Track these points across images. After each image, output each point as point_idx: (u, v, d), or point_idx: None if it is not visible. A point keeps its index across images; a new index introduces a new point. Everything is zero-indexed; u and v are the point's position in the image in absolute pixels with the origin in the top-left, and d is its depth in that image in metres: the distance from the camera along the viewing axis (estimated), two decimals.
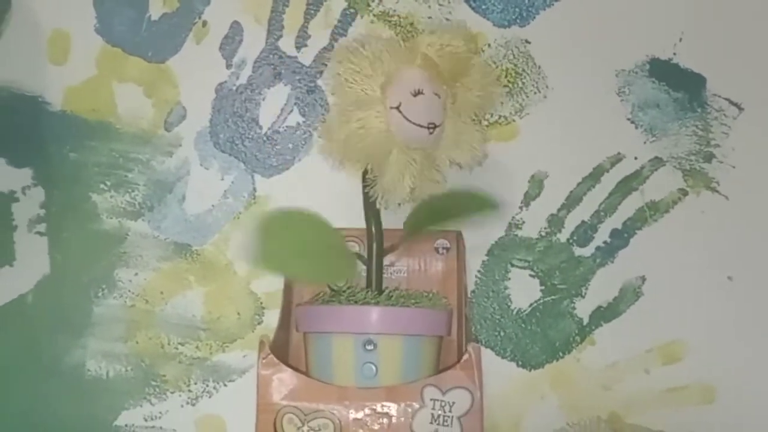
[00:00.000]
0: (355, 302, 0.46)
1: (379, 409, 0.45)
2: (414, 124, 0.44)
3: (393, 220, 0.49)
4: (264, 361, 0.45)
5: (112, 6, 0.54)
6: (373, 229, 0.47)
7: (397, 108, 0.44)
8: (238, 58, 0.54)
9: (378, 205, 0.46)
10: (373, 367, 0.45)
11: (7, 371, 0.52)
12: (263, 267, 0.45)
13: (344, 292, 0.47)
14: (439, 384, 0.45)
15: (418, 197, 0.47)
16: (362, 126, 0.44)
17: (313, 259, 0.43)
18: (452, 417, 0.44)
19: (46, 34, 0.54)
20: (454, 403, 0.45)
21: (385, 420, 0.44)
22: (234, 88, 0.54)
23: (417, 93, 0.44)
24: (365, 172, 0.46)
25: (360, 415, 0.45)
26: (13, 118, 0.54)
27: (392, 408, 0.45)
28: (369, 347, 0.45)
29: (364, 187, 0.46)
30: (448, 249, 0.51)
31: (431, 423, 0.44)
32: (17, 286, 0.52)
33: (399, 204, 0.48)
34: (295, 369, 0.46)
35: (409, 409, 0.44)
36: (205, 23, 0.54)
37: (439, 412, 0.44)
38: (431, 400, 0.45)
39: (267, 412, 0.45)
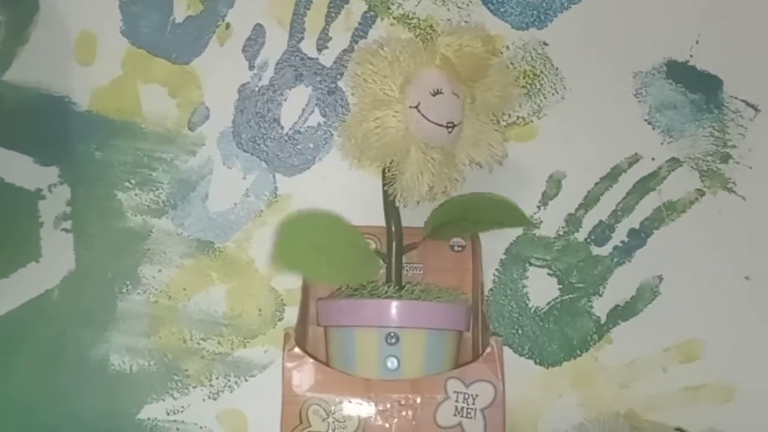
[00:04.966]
0: (378, 296, 0.46)
1: (403, 401, 0.45)
2: (433, 123, 0.45)
3: (412, 218, 0.50)
4: (290, 352, 0.46)
5: (138, 9, 0.55)
6: (393, 226, 0.48)
7: (416, 107, 0.45)
8: (261, 60, 0.55)
9: (397, 203, 0.47)
10: (396, 361, 0.45)
11: (33, 365, 0.52)
12: (283, 266, 0.46)
13: (366, 286, 0.47)
14: (463, 377, 0.45)
15: (437, 195, 0.48)
16: (379, 125, 0.45)
17: (333, 259, 0.44)
18: (476, 409, 0.45)
19: (73, 36, 0.55)
20: (477, 395, 0.45)
21: (410, 412, 0.45)
22: (256, 89, 0.55)
23: (436, 92, 0.45)
24: (385, 171, 0.47)
25: (385, 407, 0.45)
26: (40, 118, 0.54)
27: (416, 400, 0.45)
28: (391, 341, 0.45)
29: (384, 185, 0.47)
30: (463, 247, 0.52)
31: (455, 415, 0.45)
32: (43, 281, 0.53)
33: (417, 202, 0.48)
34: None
35: (433, 401, 0.45)
36: (228, 25, 0.55)
37: (463, 404, 0.45)
38: (455, 392, 0.45)
39: (292, 404, 0.45)
